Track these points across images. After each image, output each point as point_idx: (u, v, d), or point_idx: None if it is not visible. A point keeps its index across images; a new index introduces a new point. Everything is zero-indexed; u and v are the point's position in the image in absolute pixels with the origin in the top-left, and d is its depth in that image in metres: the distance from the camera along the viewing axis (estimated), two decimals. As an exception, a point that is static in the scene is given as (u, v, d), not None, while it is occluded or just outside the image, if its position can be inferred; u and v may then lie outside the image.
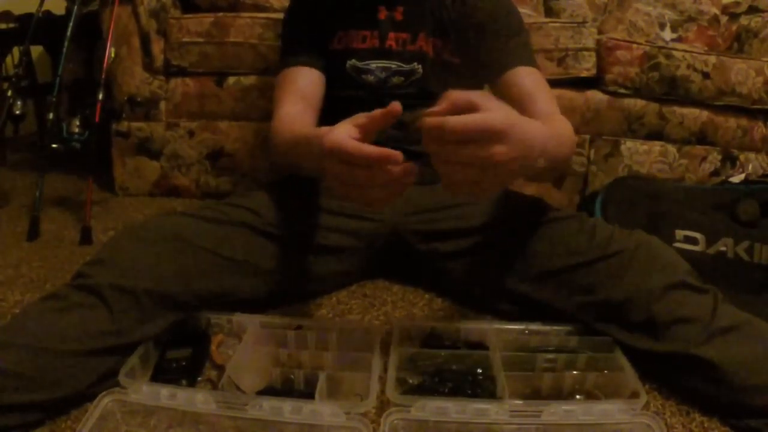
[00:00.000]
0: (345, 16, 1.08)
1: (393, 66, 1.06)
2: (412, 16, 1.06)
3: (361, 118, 0.69)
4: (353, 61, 1.08)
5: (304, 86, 1.06)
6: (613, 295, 0.80)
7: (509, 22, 1.06)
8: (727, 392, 0.71)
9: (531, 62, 1.03)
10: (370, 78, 1.07)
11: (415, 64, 1.06)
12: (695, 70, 1.54)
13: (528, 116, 0.92)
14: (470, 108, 0.57)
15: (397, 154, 0.67)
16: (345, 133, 0.68)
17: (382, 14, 1.07)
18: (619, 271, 0.81)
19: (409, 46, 1.07)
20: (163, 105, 1.68)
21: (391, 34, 1.07)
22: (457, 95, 0.59)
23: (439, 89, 1.06)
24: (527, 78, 1.00)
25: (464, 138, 0.55)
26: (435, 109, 0.59)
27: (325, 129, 0.79)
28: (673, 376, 0.77)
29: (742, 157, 1.64)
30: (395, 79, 1.07)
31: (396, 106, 0.66)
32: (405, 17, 1.07)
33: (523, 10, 1.92)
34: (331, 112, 1.12)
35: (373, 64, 1.07)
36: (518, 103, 0.98)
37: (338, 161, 0.67)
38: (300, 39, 1.11)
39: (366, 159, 0.65)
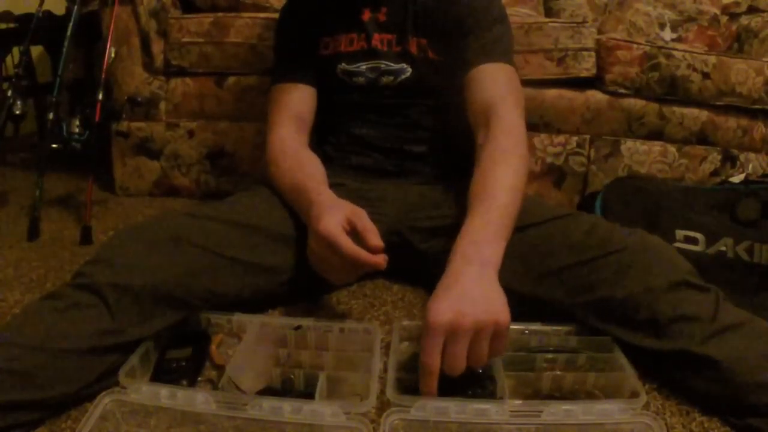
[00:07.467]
0: (331, 20, 1.08)
1: (382, 66, 1.06)
2: (396, 17, 1.06)
3: (356, 217, 0.81)
4: (343, 65, 1.08)
5: (295, 104, 1.08)
6: (615, 293, 0.79)
7: (486, 15, 1.01)
8: (729, 390, 0.71)
9: (502, 57, 0.98)
10: (361, 80, 1.07)
11: (403, 64, 1.06)
12: (695, 70, 1.54)
13: (483, 127, 0.93)
14: None
15: (379, 262, 0.79)
16: (338, 223, 0.79)
17: (366, 16, 1.07)
18: (620, 269, 0.80)
19: (395, 47, 1.06)
20: (163, 105, 1.68)
21: (377, 35, 1.06)
22: None
23: (428, 88, 1.07)
24: (489, 78, 0.96)
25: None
26: None
27: (322, 196, 0.89)
28: (676, 374, 0.77)
29: (742, 157, 1.64)
30: (385, 79, 1.07)
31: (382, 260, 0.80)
32: (388, 18, 1.06)
33: (523, 10, 1.94)
34: (325, 118, 1.13)
35: (363, 66, 1.07)
36: (474, 109, 0.96)
37: (325, 246, 0.79)
38: (290, 50, 1.12)
39: (350, 256, 0.77)
